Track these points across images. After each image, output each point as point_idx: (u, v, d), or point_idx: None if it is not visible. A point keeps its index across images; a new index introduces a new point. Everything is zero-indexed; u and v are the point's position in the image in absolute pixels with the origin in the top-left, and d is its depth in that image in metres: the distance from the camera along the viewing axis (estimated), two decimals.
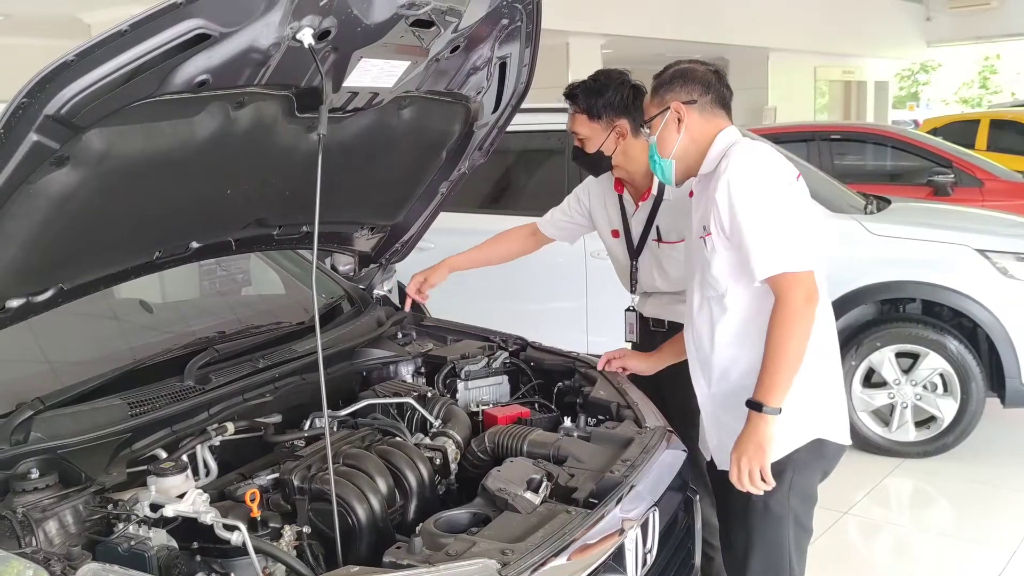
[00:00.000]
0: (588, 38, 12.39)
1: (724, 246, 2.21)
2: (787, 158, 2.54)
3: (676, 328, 2.88)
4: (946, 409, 4.59)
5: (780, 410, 2.11)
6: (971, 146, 9.80)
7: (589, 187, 3.08)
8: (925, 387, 4.62)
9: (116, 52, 1.49)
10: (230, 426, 2.22)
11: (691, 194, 2.41)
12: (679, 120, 2.28)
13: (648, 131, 2.34)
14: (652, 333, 2.98)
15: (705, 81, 2.30)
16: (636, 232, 2.94)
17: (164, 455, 2.07)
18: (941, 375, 4.59)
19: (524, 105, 2.73)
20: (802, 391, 2.17)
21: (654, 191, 2.87)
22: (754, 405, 2.13)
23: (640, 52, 13.57)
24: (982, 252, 4.52)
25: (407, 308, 3.06)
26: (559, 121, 5.18)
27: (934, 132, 10.47)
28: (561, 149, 5.24)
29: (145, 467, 1.96)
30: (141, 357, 2.30)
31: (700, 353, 2.36)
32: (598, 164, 2.86)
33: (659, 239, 2.89)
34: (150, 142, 1.75)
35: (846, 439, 2.33)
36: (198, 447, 2.15)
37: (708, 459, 2.43)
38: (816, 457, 2.28)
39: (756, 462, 2.13)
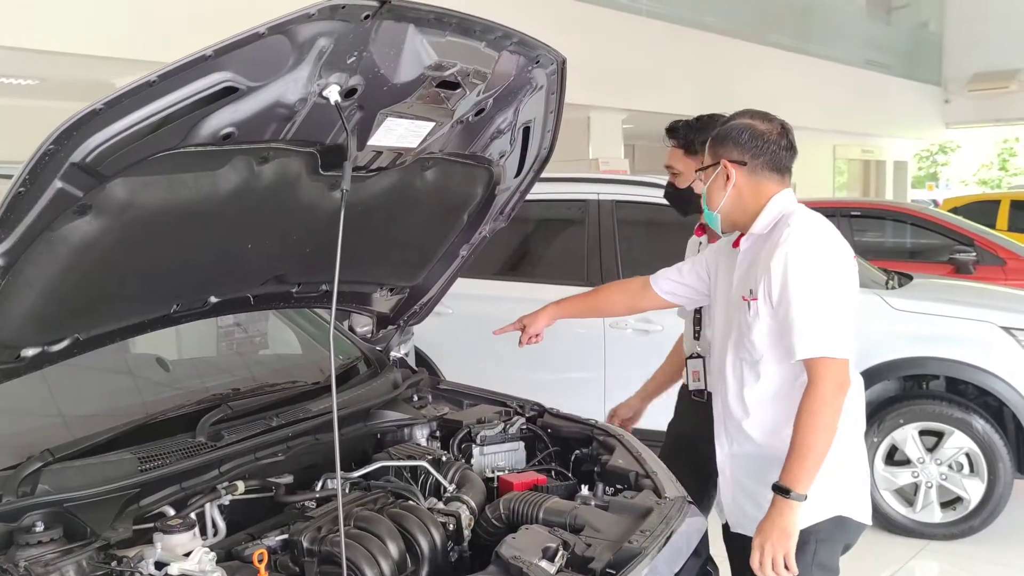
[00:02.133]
0: (609, 112, 12.56)
1: (769, 314, 2.19)
2: None
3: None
4: (973, 490, 4.47)
5: (806, 496, 2.07)
6: (992, 226, 9.78)
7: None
8: (951, 466, 4.51)
9: (144, 102, 1.50)
10: (240, 485, 2.18)
11: (735, 244, 2.39)
12: (727, 178, 2.28)
13: (702, 178, 2.36)
14: (694, 404, 2.94)
15: (761, 142, 2.28)
16: None
17: (172, 512, 2.03)
18: (967, 455, 4.48)
19: (547, 174, 2.75)
20: (828, 466, 2.13)
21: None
22: (780, 490, 2.09)
23: (659, 127, 13.60)
24: (1007, 330, 4.45)
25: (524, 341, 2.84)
26: (580, 191, 5.28)
27: (955, 211, 10.45)
28: (581, 219, 5.26)
29: (152, 524, 1.91)
30: (154, 412, 2.27)
31: (726, 413, 2.33)
32: (688, 202, 2.90)
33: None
34: (173, 194, 1.76)
35: (868, 518, 2.29)
36: (207, 505, 2.10)
37: (723, 521, 2.37)
38: (839, 531, 2.24)
39: (780, 549, 2.07)
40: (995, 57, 21.47)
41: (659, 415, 3.19)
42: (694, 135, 2.86)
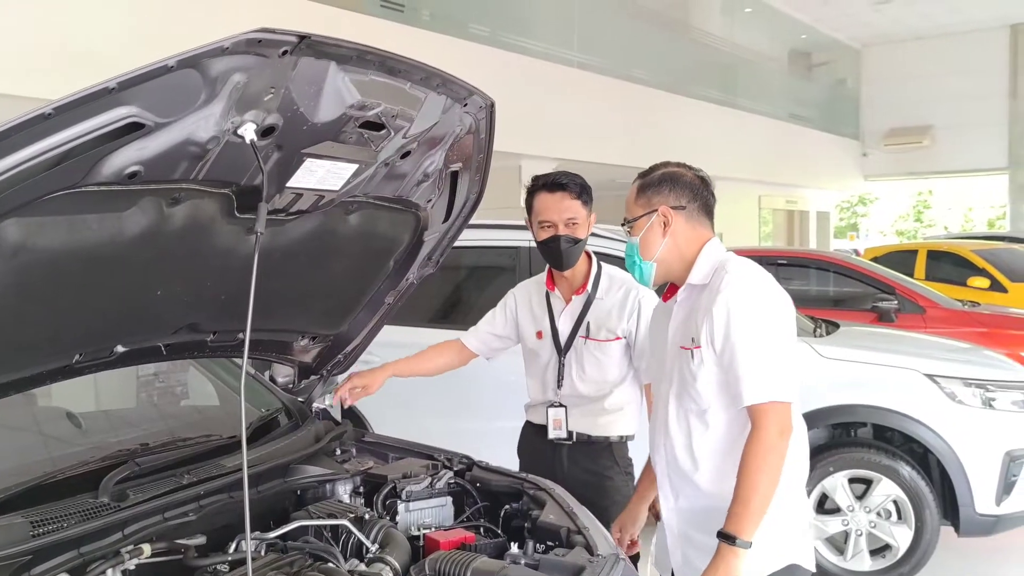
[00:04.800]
0: (541, 161, 12.64)
1: (713, 361, 2.17)
2: None
3: (583, 441, 3.02)
4: (901, 537, 4.49)
5: (751, 544, 2.04)
6: (910, 274, 10.05)
7: (516, 293, 3.24)
8: (879, 514, 4.53)
9: (38, 137, 1.40)
10: (147, 548, 2.02)
11: (664, 297, 2.39)
12: (665, 224, 2.26)
13: (629, 231, 2.32)
14: (556, 447, 3.04)
15: (693, 187, 2.30)
16: (564, 328, 3.05)
17: None
18: (895, 502, 4.51)
19: (476, 221, 2.70)
20: (780, 515, 2.12)
21: (589, 288, 3.03)
22: (726, 537, 2.05)
23: (590, 176, 13.88)
24: (931, 377, 4.52)
25: (334, 404, 2.96)
26: (511, 239, 5.24)
27: (875, 260, 10.74)
28: (512, 267, 5.21)
29: None
30: (55, 470, 2.11)
31: (672, 466, 2.28)
32: (578, 253, 2.98)
33: (587, 335, 3.00)
34: (73, 236, 1.64)
35: (813, 566, 2.27)
36: (108, 571, 1.94)
37: None
38: None
39: None
40: (909, 113, 22.41)
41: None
42: (587, 191, 2.98)
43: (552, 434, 3.05)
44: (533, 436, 3.17)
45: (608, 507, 2.90)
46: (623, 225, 2.38)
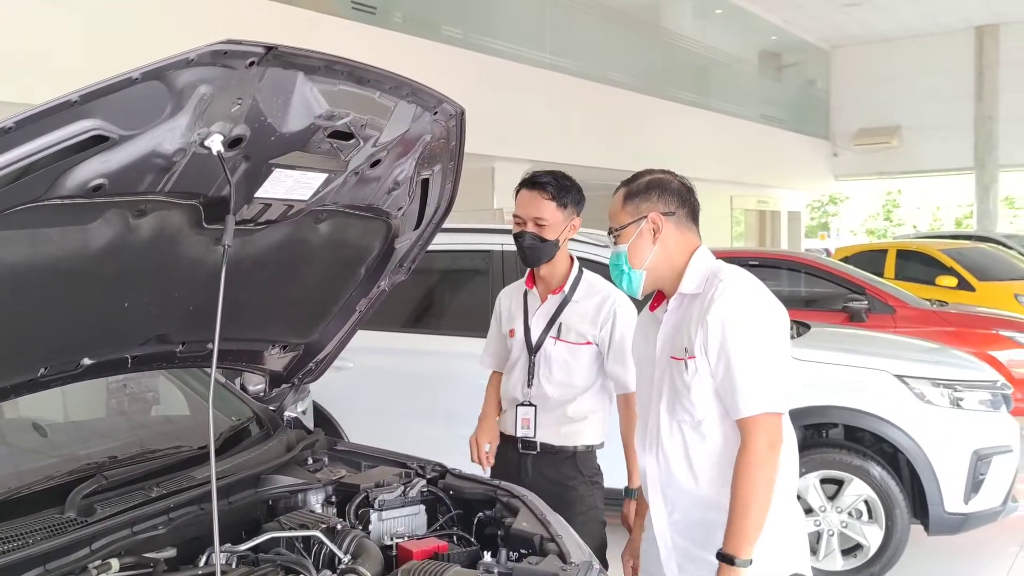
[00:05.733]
0: (514, 163, 12.66)
1: (708, 372, 2.13)
2: None
3: (547, 451, 3.03)
4: (872, 537, 4.53)
5: (751, 561, 2.02)
6: (880, 274, 10.16)
7: (501, 295, 3.28)
8: (850, 514, 4.57)
9: None
10: (115, 563, 1.99)
11: (651, 307, 2.35)
12: (655, 231, 2.22)
13: (615, 239, 2.27)
14: (521, 456, 3.05)
15: (681, 194, 2.26)
16: (537, 327, 3.06)
17: None
18: (866, 502, 4.55)
19: (450, 224, 2.69)
20: (779, 525, 2.10)
21: (566, 289, 3.04)
22: (725, 558, 2.03)
23: None
24: (900, 378, 4.57)
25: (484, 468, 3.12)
26: (484, 242, 5.23)
27: (846, 260, 10.84)
28: (486, 270, 5.20)
29: None
30: (19, 485, 2.08)
31: (667, 480, 2.24)
32: (547, 252, 2.98)
33: (558, 336, 3.01)
34: (36, 249, 1.62)
35: (810, 571, 2.26)
36: None
37: None
38: None
39: None
40: (878, 114, 22.65)
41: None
42: (564, 191, 2.95)
43: (520, 432, 3.05)
44: (501, 445, 3.18)
45: (571, 518, 2.89)
46: (609, 234, 2.32)
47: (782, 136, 20.98)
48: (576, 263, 3.12)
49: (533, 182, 2.98)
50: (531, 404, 3.05)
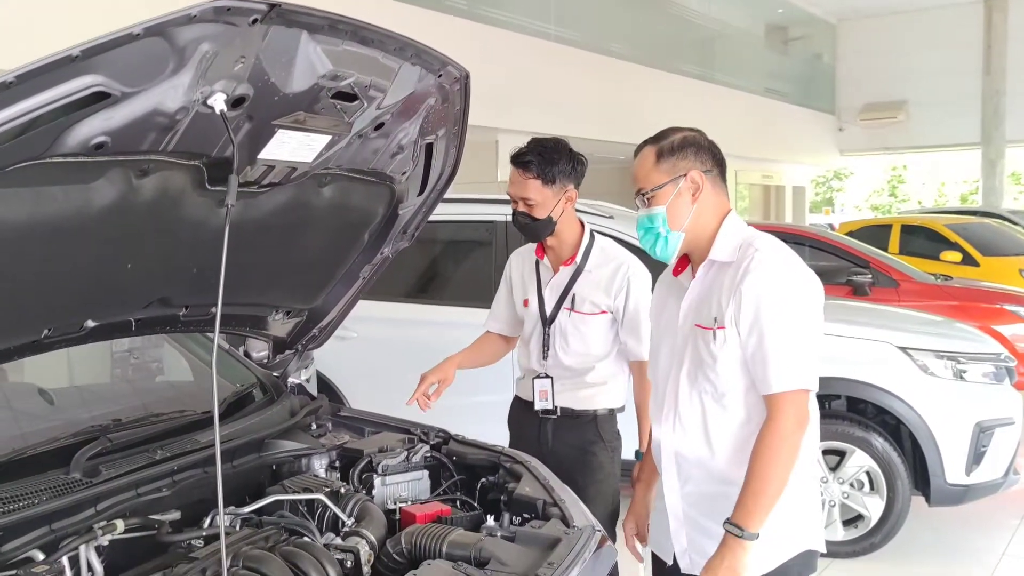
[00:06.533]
0: (518, 135, 12.58)
1: (738, 343, 2.05)
2: None
3: (567, 415, 3.00)
4: (873, 507, 4.55)
5: (758, 535, 1.98)
6: (884, 249, 10.13)
7: (512, 259, 3.22)
8: (852, 485, 4.58)
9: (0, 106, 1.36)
10: (120, 524, 2.00)
11: (675, 271, 2.25)
12: (694, 191, 2.11)
13: (648, 200, 2.13)
14: (541, 420, 3.03)
15: (714, 152, 2.16)
16: (551, 299, 3.02)
17: (41, 557, 1.85)
18: (867, 473, 4.56)
19: (453, 195, 2.66)
20: (796, 501, 2.07)
21: (578, 259, 3.00)
22: (733, 528, 2.00)
23: None
24: (904, 349, 4.57)
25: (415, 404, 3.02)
26: (488, 212, 5.22)
27: (850, 235, 10.81)
28: (489, 240, 5.20)
29: (14, 571, 1.74)
30: (23, 446, 2.09)
31: (683, 451, 2.18)
32: (543, 229, 2.94)
33: (572, 307, 2.98)
34: (39, 208, 1.61)
35: (823, 546, 2.22)
36: (82, 547, 1.92)
37: (670, 563, 2.28)
38: (809, 565, 2.17)
39: None
40: (884, 88, 22.47)
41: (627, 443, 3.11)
42: (549, 166, 2.88)
43: (539, 405, 3.03)
44: (520, 410, 3.15)
45: (588, 485, 2.89)
46: (638, 196, 2.17)
47: (787, 110, 20.84)
48: (587, 229, 3.05)
49: (518, 161, 2.91)
50: (547, 376, 3.02)
